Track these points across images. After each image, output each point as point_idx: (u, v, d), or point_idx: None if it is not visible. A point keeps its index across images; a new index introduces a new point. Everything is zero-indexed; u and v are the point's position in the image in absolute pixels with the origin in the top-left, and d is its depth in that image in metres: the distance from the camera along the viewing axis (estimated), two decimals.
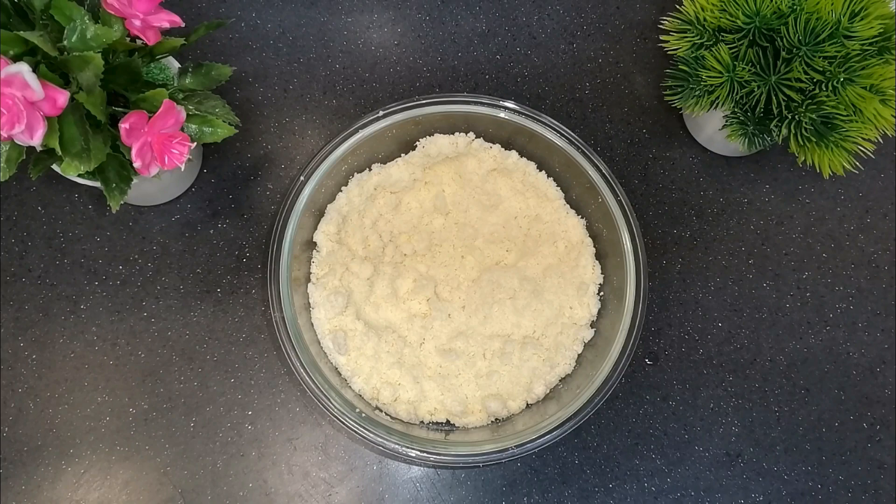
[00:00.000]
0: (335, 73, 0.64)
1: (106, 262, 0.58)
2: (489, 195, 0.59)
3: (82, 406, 0.54)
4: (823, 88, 0.50)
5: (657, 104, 0.65)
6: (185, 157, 0.46)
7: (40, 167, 0.46)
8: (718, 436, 0.57)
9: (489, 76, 0.65)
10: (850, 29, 0.49)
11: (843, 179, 0.63)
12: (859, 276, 0.61)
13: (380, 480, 0.54)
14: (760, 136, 0.54)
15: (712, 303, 0.60)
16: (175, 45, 0.47)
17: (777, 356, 0.59)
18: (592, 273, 0.58)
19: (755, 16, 0.51)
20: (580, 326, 0.57)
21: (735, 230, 0.62)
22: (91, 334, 0.56)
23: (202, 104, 0.50)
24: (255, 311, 0.57)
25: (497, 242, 0.58)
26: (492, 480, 0.55)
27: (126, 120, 0.43)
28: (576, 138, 0.57)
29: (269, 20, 0.65)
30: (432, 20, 0.66)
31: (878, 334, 0.60)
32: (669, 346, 0.59)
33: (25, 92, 0.39)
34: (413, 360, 0.54)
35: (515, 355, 0.54)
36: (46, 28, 0.43)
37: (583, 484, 0.55)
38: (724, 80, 0.53)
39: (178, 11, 0.46)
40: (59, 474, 0.53)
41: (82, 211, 0.59)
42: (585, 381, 0.53)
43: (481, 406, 0.54)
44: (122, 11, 0.43)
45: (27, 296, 0.56)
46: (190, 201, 0.60)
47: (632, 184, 0.63)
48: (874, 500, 0.56)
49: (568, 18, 0.67)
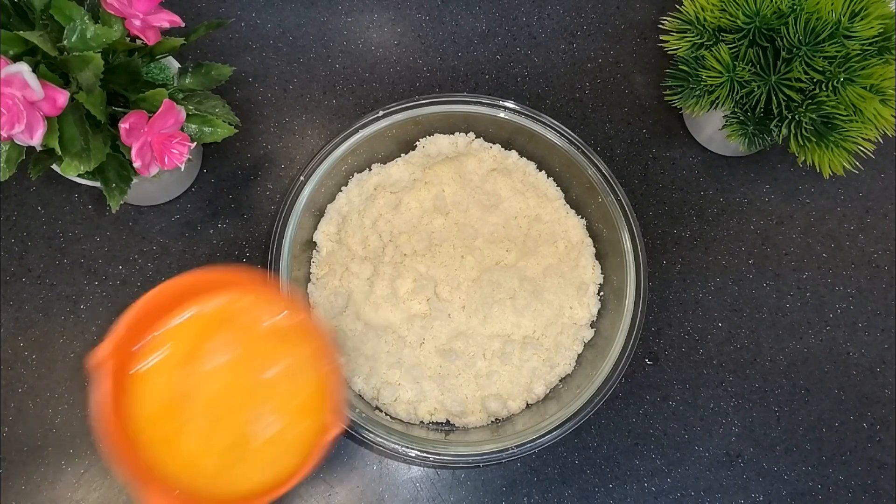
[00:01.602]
0: (335, 73, 0.64)
1: (106, 262, 0.58)
2: (489, 195, 0.59)
3: (82, 406, 0.54)
4: (823, 88, 0.50)
5: (657, 104, 0.65)
6: (184, 156, 0.46)
7: (40, 167, 0.46)
8: (718, 436, 0.57)
9: (489, 76, 0.65)
10: (851, 29, 0.49)
11: (843, 179, 0.63)
12: (859, 276, 0.61)
13: (380, 481, 0.54)
14: (760, 136, 0.54)
15: (712, 303, 0.60)
16: (175, 44, 0.47)
17: (777, 356, 0.59)
18: (592, 273, 0.58)
19: (755, 16, 0.51)
20: (580, 326, 0.56)
21: (735, 230, 0.62)
22: (91, 334, 0.56)
23: (202, 104, 0.50)
24: None
25: (497, 242, 0.58)
26: (492, 480, 0.55)
27: (126, 120, 0.43)
28: (576, 138, 0.57)
29: (269, 20, 0.65)
30: (432, 20, 0.66)
31: (878, 334, 0.60)
32: (669, 346, 0.59)
33: (25, 92, 0.39)
34: (413, 360, 0.54)
35: (515, 355, 0.54)
36: (46, 28, 0.43)
37: (583, 484, 0.55)
38: (725, 80, 0.53)
39: (177, 11, 0.46)
40: (58, 474, 0.53)
41: (82, 211, 0.59)
42: (585, 381, 0.53)
43: (481, 406, 0.54)
44: (121, 11, 0.43)
45: (27, 296, 0.56)
46: (190, 201, 0.60)
47: (632, 184, 0.63)
48: (874, 500, 0.56)
49: (568, 18, 0.67)
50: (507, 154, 0.60)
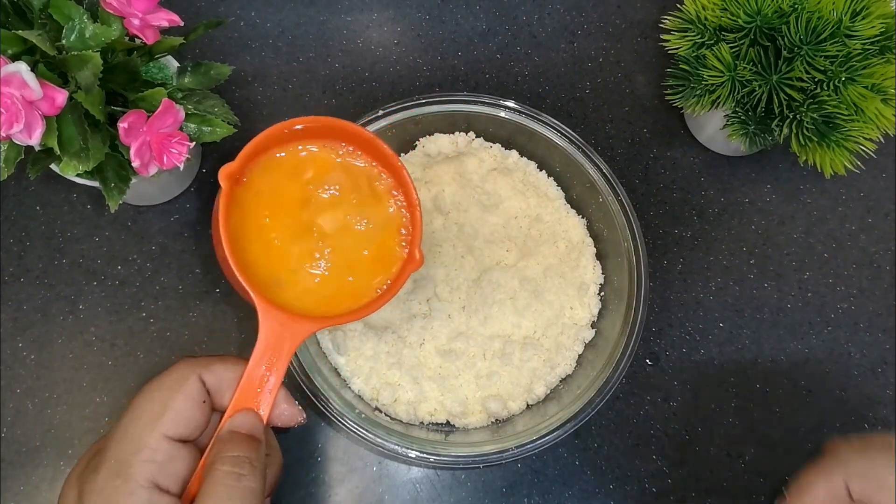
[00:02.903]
0: (335, 73, 0.64)
1: (105, 262, 0.57)
2: (489, 195, 0.59)
3: (81, 407, 0.54)
4: (825, 88, 0.50)
5: (658, 103, 0.65)
6: (183, 156, 0.46)
7: (39, 167, 0.46)
8: (720, 436, 0.57)
9: (489, 75, 0.65)
10: (852, 28, 0.49)
11: (844, 179, 0.63)
12: (861, 277, 0.61)
13: (379, 481, 0.54)
14: (762, 135, 0.54)
15: (713, 303, 0.60)
16: (174, 44, 0.47)
17: (778, 356, 0.59)
18: (593, 273, 0.58)
19: (756, 15, 0.51)
20: (581, 327, 0.56)
21: (736, 230, 0.62)
22: (90, 335, 0.56)
23: (201, 103, 0.50)
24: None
25: (497, 242, 0.58)
26: (492, 481, 0.55)
27: (125, 119, 0.42)
28: (576, 138, 0.56)
29: (269, 19, 0.65)
30: (432, 19, 0.66)
31: (879, 334, 0.60)
32: (670, 347, 0.59)
33: (24, 91, 0.39)
34: (413, 360, 0.54)
35: (516, 356, 0.54)
36: (45, 27, 0.43)
37: (583, 485, 0.55)
38: (726, 80, 0.52)
39: (176, 10, 0.46)
40: (57, 475, 0.53)
41: (81, 211, 0.58)
42: (586, 382, 0.52)
43: (481, 407, 0.54)
44: (120, 10, 0.43)
45: (25, 296, 0.56)
46: (189, 201, 0.59)
47: (632, 183, 0.62)
48: None
49: (568, 17, 0.67)
50: (508, 154, 0.60)
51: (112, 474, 0.34)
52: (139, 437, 0.35)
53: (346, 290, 0.44)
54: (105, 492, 0.33)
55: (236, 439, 0.37)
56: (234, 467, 0.35)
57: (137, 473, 0.34)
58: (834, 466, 0.44)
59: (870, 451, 0.44)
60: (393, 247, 0.46)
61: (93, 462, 0.35)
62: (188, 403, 0.37)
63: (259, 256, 0.43)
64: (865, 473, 0.43)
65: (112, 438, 0.35)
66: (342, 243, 0.45)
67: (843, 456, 0.44)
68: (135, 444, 0.34)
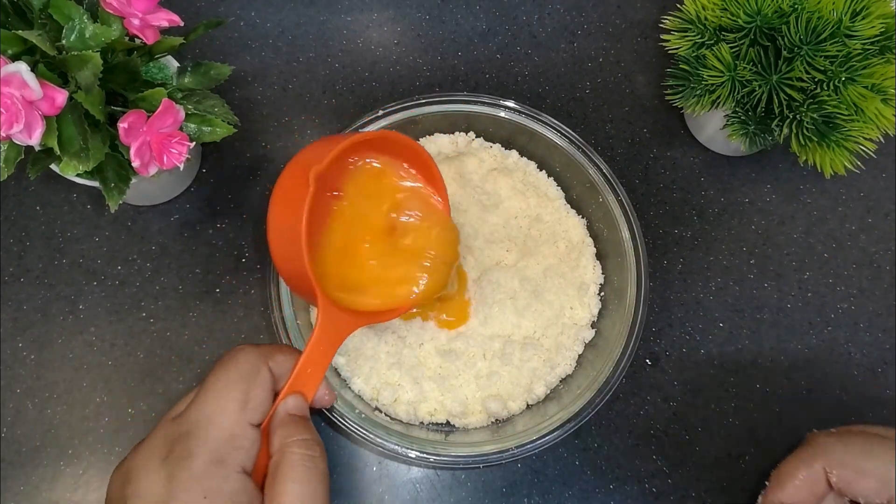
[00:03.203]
0: (335, 73, 0.64)
1: (104, 262, 0.57)
2: (489, 195, 0.59)
3: (81, 407, 0.54)
4: (825, 88, 0.50)
5: (658, 103, 0.65)
6: (183, 156, 0.46)
7: (39, 167, 0.46)
8: (720, 437, 0.57)
9: (489, 75, 0.65)
10: (852, 28, 0.49)
11: (844, 179, 0.63)
12: (861, 277, 0.61)
13: (379, 481, 0.54)
14: (762, 135, 0.54)
15: (713, 303, 0.60)
16: (174, 44, 0.47)
17: (778, 356, 0.59)
18: (593, 273, 0.58)
19: (756, 15, 0.51)
20: (581, 327, 0.56)
21: (736, 230, 0.62)
22: (90, 335, 0.56)
23: (201, 103, 0.50)
24: (254, 312, 0.57)
25: (497, 242, 0.58)
26: (492, 481, 0.55)
27: (125, 119, 0.42)
28: (576, 138, 0.56)
29: (269, 19, 0.65)
30: (432, 19, 0.66)
31: (879, 334, 0.60)
32: (670, 347, 0.59)
33: (24, 91, 0.39)
34: (412, 360, 0.54)
35: (516, 356, 0.54)
36: (45, 27, 0.43)
37: (583, 485, 0.55)
38: (726, 80, 0.52)
39: (176, 10, 0.46)
40: (57, 475, 0.53)
41: (81, 211, 0.58)
42: (586, 382, 0.52)
43: (481, 407, 0.54)
44: (120, 10, 0.43)
45: (25, 296, 0.56)
46: (189, 201, 0.59)
47: (632, 183, 0.62)
48: None
49: (568, 17, 0.67)
50: (508, 154, 0.60)
51: (208, 462, 0.36)
52: (230, 426, 0.38)
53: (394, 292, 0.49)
54: (203, 477, 0.36)
55: (299, 422, 0.40)
56: (307, 450, 0.38)
57: (232, 460, 0.37)
58: (814, 455, 0.45)
59: (848, 440, 0.45)
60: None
61: (178, 449, 0.37)
62: (266, 393, 0.40)
63: (332, 262, 0.45)
64: (844, 462, 0.44)
65: (198, 426, 0.38)
66: (410, 257, 0.49)
67: (822, 445, 0.46)
68: (226, 431, 0.37)
